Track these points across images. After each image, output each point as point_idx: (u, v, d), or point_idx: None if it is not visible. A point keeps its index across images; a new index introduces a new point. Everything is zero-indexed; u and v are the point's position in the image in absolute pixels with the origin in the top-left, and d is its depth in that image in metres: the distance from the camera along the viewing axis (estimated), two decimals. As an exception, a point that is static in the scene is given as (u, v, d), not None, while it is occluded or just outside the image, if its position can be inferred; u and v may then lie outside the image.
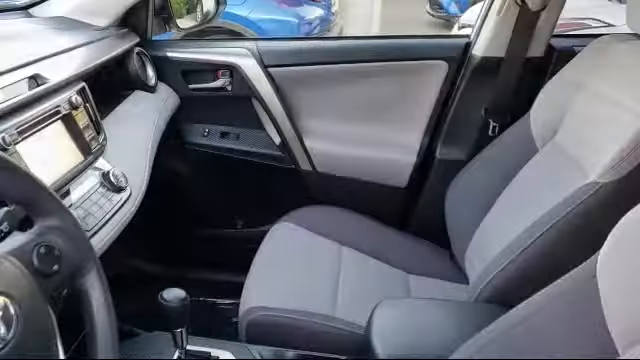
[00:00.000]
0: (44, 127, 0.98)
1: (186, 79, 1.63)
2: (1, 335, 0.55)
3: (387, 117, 1.63)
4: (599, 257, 0.69)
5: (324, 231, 1.48)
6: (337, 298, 1.23)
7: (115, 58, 1.40)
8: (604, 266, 0.68)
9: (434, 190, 1.59)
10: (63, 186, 0.98)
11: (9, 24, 1.40)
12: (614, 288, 0.66)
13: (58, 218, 0.69)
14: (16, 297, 0.58)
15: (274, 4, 4.91)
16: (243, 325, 1.16)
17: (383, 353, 0.91)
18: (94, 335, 0.70)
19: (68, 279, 0.69)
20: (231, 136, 1.69)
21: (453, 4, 7.31)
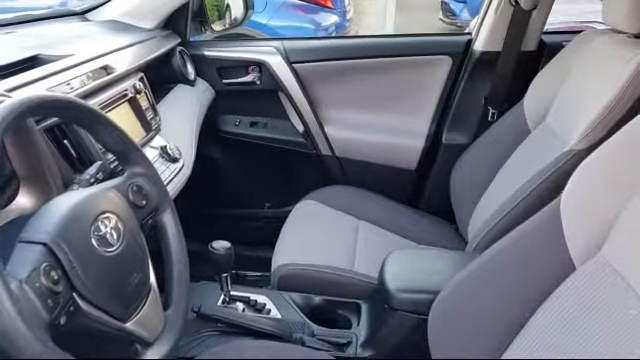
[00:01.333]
0: (115, 107, 1.20)
1: (220, 74, 1.84)
2: (114, 241, 0.76)
3: (398, 106, 1.83)
4: (562, 195, 0.88)
5: (343, 207, 1.67)
6: (355, 257, 1.43)
7: (162, 55, 1.62)
8: (566, 202, 0.86)
9: (441, 171, 1.78)
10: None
11: (71, 26, 1.63)
12: (574, 217, 0.84)
13: (143, 166, 0.90)
14: (122, 217, 0.79)
15: (291, 11, 5.11)
16: (275, 279, 1.36)
17: (393, 288, 1.10)
18: (170, 258, 0.91)
19: (152, 213, 0.90)
20: (259, 125, 1.90)
21: (465, 10, 7.46)
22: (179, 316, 0.86)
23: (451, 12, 7.57)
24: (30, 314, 0.60)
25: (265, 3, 4.88)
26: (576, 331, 0.78)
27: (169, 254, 0.91)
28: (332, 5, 5.41)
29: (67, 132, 1.01)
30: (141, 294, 0.79)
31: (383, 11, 6.89)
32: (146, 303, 0.80)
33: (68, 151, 1.00)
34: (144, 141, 1.25)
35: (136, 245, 0.81)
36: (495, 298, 0.91)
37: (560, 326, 0.80)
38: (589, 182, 0.84)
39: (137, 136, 1.23)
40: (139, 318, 0.77)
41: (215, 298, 1.26)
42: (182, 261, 0.91)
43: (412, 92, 1.81)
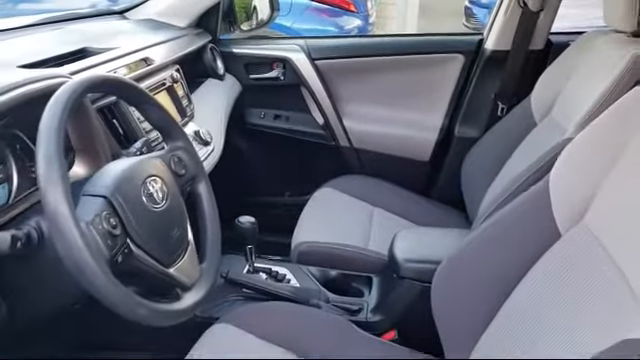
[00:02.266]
0: (155, 95, 1.34)
1: (247, 70, 1.98)
2: (159, 199, 0.89)
3: (413, 101, 1.94)
4: (552, 171, 0.98)
5: (359, 195, 1.78)
6: (369, 238, 1.54)
7: (195, 51, 1.77)
8: (555, 177, 0.97)
9: (453, 163, 1.88)
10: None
11: (112, 24, 1.79)
12: (560, 190, 0.94)
13: (183, 141, 1.04)
14: (165, 181, 0.93)
15: (315, 15, 5.24)
16: (295, 255, 1.49)
17: (400, 258, 1.22)
18: (204, 222, 1.04)
19: (189, 181, 1.03)
20: (282, 118, 2.04)
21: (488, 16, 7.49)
22: (212, 269, 0.99)
23: (474, 17, 7.63)
24: (95, 249, 0.73)
25: (290, 6, 5.02)
26: (559, 289, 0.88)
27: (203, 218, 1.04)
28: (355, 9, 5.53)
29: (116, 113, 1.15)
30: (181, 247, 0.93)
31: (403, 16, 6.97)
32: (185, 255, 0.93)
33: (116, 129, 1.14)
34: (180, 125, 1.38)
35: (177, 206, 0.94)
36: (490, 264, 1.02)
37: (546, 286, 0.91)
38: (575, 158, 0.95)
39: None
40: (179, 266, 0.91)
41: (240, 268, 1.39)
42: (214, 224, 1.05)
43: (426, 88, 1.92)
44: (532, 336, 0.86)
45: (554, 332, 0.80)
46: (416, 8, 7.70)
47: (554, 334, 0.80)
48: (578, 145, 0.96)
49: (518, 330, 0.92)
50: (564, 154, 0.97)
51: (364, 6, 5.74)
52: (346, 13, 5.50)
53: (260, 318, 1.15)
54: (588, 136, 0.96)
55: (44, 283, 0.86)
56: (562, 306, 0.83)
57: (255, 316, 1.16)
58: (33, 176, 0.99)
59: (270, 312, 1.18)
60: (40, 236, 0.82)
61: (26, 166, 0.98)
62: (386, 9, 7.48)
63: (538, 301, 0.92)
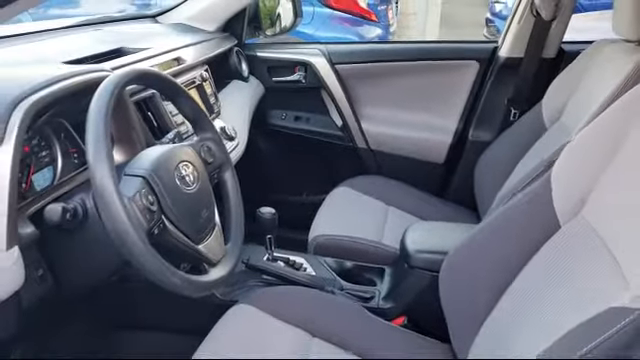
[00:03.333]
0: (185, 92, 1.44)
1: (270, 73, 2.08)
2: (191, 183, 0.98)
3: (429, 105, 2.02)
4: (554, 167, 1.05)
5: (374, 194, 1.85)
6: (383, 233, 1.62)
7: (222, 53, 1.87)
8: (556, 172, 1.04)
9: (467, 165, 1.95)
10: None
11: (146, 26, 1.90)
12: (561, 184, 1.01)
13: (212, 133, 1.13)
14: (196, 167, 1.02)
15: (337, 24, 5.33)
16: (312, 247, 1.57)
17: (411, 249, 1.29)
18: (229, 206, 1.13)
19: (217, 169, 1.12)
20: (303, 119, 2.13)
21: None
22: (236, 250, 1.08)
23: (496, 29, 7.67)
24: (135, 221, 0.83)
25: (312, 15, 5.13)
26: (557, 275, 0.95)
27: (229, 203, 1.14)
28: (376, 19, 5.62)
29: (150, 106, 1.25)
30: (208, 227, 1.02)
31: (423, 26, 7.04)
32: (212, 235, 1.02)
33: (151, 121, 1.24)
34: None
35: (206, 190, 1.04)
36: (493, 254, 1.09)
37: (546, 273, 0.98)
38: (576, 154, 1.02)
39: (202, 117, 1.47)
40: (207, 244, 1.00)
41: (260, 256, 1.47)
42: (239, 210, 1.14)
43: (442, 93, 1.99)
44: (529, 315, 0.93)
45: (548, 306, 0.87)
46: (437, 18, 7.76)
47: (548, 307, 0.87)
48: (579, 141, 1.03)
49: (518, 313, 0.99)
50: (566, 150, 1.04)
51: (385, 16, 5.83)
52: (367, 22, 5.58)
53: (278, 300, 1.23)
54: (589, 133, 1.02)
55: (87, 255, 0.95)
56: (558, 286, 0.89)
57: (273, 298, 1.24)
58: (75, 161, 1.09)
59: (288, 295, 1.26)
60: (84, 212, 0.92)
61: (69, 151, 1.08)
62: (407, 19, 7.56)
63: (537, 287, 0.98)
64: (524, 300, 0.99)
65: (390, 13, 5.92)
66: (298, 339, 1.15)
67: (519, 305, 1.00)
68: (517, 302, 1.01)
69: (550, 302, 0.90)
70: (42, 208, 0.93)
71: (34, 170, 0.99)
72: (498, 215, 1.12)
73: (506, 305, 1.04)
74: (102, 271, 1.00)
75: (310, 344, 1.14)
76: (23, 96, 0.89)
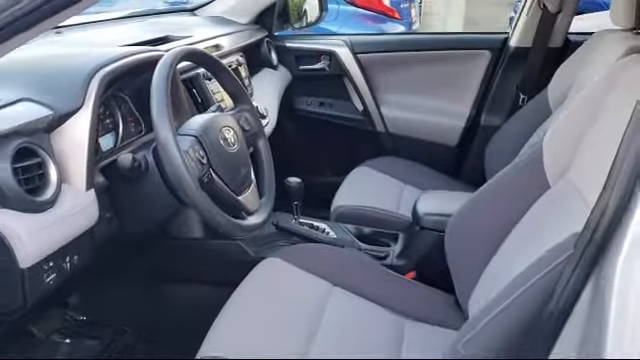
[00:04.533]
0: (223, 74, 1.63)
1: (297, 62, 2.26)
2: (232, 144, 1.17)
3: (444, 92, 2.17)
4: (546, 134, 1.20)
5: (391, 173, 2.01)
6: (400, 205, 1.78)
7: (254, 43, 2.06)
8: (548, 138, 1.18)
9: (478, 148, 2.10)
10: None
11: (185, 19, 2.10)
12: (551, 149, 1.16)
13: (248, 105, 1.32)
14: (236, 131, 1.20)
15: (361, 21, 5.48)
16: (334, 216, 1.74)
17: (421, 211, 1.46)
18: (262, 168, 1.32)
19: (252, 136, 1.31)
20: (326, 105, 2.31)
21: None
22: (268, 204, 1.26)
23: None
24: (190, 168, 1.01)
25: (337, 13, 5.29)
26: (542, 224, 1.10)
27: (262, 165, 1.32)
28: (399, 16, 5.76)
29: (195, 84, 1.44)
30: (246, 182, 1.20)
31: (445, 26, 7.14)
32: (249, 189, 1.21)
33: (195, 97, 1.43)
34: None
35: (244, 152, 1.22)
36: (491, 214, 1.24)
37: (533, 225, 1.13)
38: (564, 122, 1.17)
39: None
40: (245, 196, 1.18)
41: (288, 221, 1.65)
42: (270, 171, 1.32)
43: (456, 80, 2.15)
44: (516, 266, 1.07)
45: (533, 256, 1.01)
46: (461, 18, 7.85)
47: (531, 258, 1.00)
48: (568, 111, 1.18)
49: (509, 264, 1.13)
50: (557, 120, 1.19)
51: (408, 14, 5.96)
52: (391, 20, 5.73)
53: (303, 255, 1.41)
54: (576, 104, 1.16)
55: (145, 202, 1.14)
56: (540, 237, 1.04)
57: (299, 253, 1.41)
58: (132, 129, 1.28)
59: (312, 251, 1.43)
60: (146, 166, 1.11)
61: (128, 120, 1.28)
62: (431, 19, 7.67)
63: (526, 239, 1.12)
64: (514, 252, 1.14)
65: (413, 11, 6.05)
66: (320, 287, 1.31)
67: (510, 257, 1.14)
68: (509, 254, 1.16)
69: (534, 253, 1.05)
70: (109, 164, 1.13)
71: (100, 134, 1.19)
72: (496, 179, 1.27)
73: (500, 258, 1.18)
74: (157, 217, 1.20)
75: (331, 291, 1.31)
76: (97, 69, 1.08)
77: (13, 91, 0.99)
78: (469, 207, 1.31)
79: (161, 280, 1.64)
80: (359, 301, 1.29)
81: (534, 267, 0.84)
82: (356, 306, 1.28)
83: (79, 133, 1.01)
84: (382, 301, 1.29)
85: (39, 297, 0.94)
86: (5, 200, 0.87)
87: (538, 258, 0.85)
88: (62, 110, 1.00)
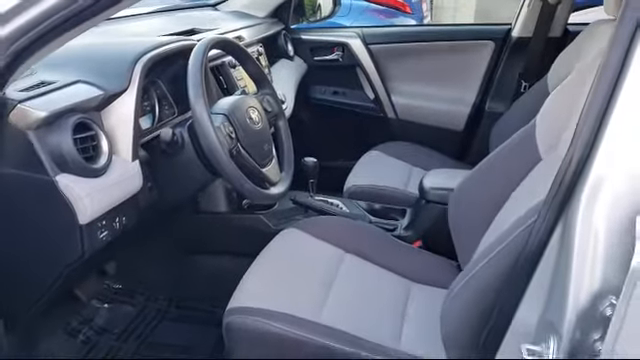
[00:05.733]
0: (245, 63, 1.78)
1: (312, 53, 2.41)
2: (257, 122, 1.32)
3: (450, 80, 2.31)
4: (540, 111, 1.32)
5: (401, 156, 2.15)
6: (408, 183, 1.92)
7: (272, 35, 2.21)
8: (541, 113, 1.30)
9: (483, 132, 2.22)
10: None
11: (209, 13, 2.25)
12: (543, 125, 1.29)
13: (270, 89, 1.47)
14: (260, 111, 1.35)
15: (373, 16, 5.59)
16: (346, 194, 1.89)
17: (427, 186, 1.60)
18: (282, 145, 1.47)
19: (273, 117, 1.46)
20: (340, 93, 2.45)
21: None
22: (288, 177, 1.41)
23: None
24: (221, 141, 1.17)
25: (349, 8, 5.41)
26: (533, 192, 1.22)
27: (282, 143, 1.47)
28: (410, 10, 5.87)
29: (222, 72, 1.59)
30: (269, 156, 1.35)
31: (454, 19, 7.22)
32: (271, 163, 1.36)
33: (222, 83, 1.58)
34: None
35: (267, 130, 1.37)
36: (488, 187, 1.36)
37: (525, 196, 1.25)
38: (554, 100, 1.29)
39: (258, 84, 1.81)
40: (268, 169, 1.33)
41: (304, 197, 1.80)
42: (289, 148, 1.47)
43: (462, 69, 2.28)
44: (506, 224, 1.20)
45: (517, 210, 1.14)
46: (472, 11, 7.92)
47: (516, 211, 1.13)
48: (559, 90, 1.30)
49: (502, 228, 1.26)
50: (549, 98, 1.32)
51: (419, 8, 6.07)
52: (402, 14, 5.84)
53: (318, 225, 1.55)
54: (567, 82, 1.29)
55: (180, 174, 1.30)
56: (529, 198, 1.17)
57: (315, 224, 1.55)
58: (167, 112, 1.44)
59: (326, 222, 1.58)
60: (182, 141, 1.26)
61: (163, 104, 1.43)
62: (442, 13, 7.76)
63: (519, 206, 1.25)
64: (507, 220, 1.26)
65: (424, 5, 6.15)
66: (334, 254, 1.45)
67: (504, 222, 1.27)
68: (502, 223, 1.28)
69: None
70: (149, 141, 1.29)
71: (140, 115, 1.34)
72: (494, 154, 1.40)
73: (495, 226, 1.32)
74: (190, 187, 1.35)
75: (343, 257, 1.45)
76: (139, 56, 1.24)
77: (70, 74, 1.15)
78: (469, 181, 1.44)
79: (190, 252, 1.80)
80: (369, 266, 1.43)
81: (514, 225, 0.98)
82: (366, 270, 1.42)
83: (125, 111, 1.17)
84: (390, 266, 1.43)
85: (94, 250, 1.09)
86: (67, 166, 1.03)
87: (518, 217, 0.98)
88: (111, 91, 1.16)
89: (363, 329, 1.18)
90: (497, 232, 1.15)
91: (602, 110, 0.74)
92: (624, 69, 0.72)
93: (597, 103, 0.74)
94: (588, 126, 0.75)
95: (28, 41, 0.92)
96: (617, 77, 0.73)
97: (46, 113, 1.02)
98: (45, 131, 1.02)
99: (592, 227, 0.74)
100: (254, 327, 1.14)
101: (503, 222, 1.24)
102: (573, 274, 0.75)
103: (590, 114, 0.75)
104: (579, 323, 0.76)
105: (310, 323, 1.15)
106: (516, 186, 1.29)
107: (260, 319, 1.14)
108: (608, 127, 0.74)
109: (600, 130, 0.74)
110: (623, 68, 0.72)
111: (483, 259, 1.00)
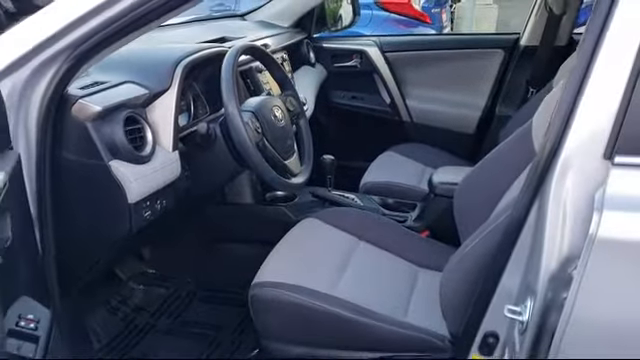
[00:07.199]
0: (271, 68, 1.95)
1: (332, 60, 2.58)
2: (281, 119, 1.48)
3: (463, 86, 2.45)
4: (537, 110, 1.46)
5: (415, 157, 2.30)
6: (421, 181, 2.06)
7: (295, 43, 2.38)
8: (538, 112, 1.44)
9: (493, 135, 2.36)
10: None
11: (237, 23, 2.44)
12: (539, 120, 1.41)
13: (292, 91, 1.63)
14: (283, 110, 1.52)
15: (393, 26, 5.73)
16: (362, 190, 2.04)
17: (436, 180, 1.75)
18: (302, 140, 1.63)
19: (295, 116, 1.62)
20: (358, 98, 2.61)
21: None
22: (308, 169, 1.57)
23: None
24: (250, 135, 1.33)
25: (370, 18, 5.57)
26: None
27: (302, 139, 1.64)
28: (430, 21, 6.00)
29: (249, 75, 1.77)
30: (291, 150, 1.51)
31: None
32: (293, 156, 1.52)
33: (249, 85, 1.76)
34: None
35: (289, 127, 1.54)
36: (490, 179, 1.50)
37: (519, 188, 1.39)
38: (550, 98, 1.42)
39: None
40: (289, 162, 1.50)
41: (323, 191, 1.96)
42: (310, 144, 1.63)
43: (474, 75, 2.43)
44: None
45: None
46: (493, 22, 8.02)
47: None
48: (553, 93, 1.43)
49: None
50: (543, 101, 1.45)
51: (439, 19, 6.20)
52: (422, 24, 5.96)
53: (335, 215, 1.70)
54: (559, 85, 1.42)
55: (213, 165, 1.47)
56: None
57: (332, 214, 1.71)
58: (200, 111, 1.61)
59: (342, 212, 1.73)
60: (215, 136, 1.43)
61: (197, 103, 1.60)
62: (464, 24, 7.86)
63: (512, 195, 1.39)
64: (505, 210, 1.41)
65: (444, 16, 6.28)
66: (349, 240, 1.59)
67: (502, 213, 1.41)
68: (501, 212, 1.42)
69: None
70: (186, 135, 1.46)
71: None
72: (496, 151, 1.54)
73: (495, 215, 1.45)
74: (220, 177, 1.53)
75: (357, 244, 1.59)
76: (180, 59, 1.42)
77: (119, 75, 1.33)
78: (473, 175, 1.58)
79: (217, 240, 1.97)
80: (381, 252, 1.57)
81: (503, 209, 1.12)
82: (378, 255, 1.56)
83: (167, 107, 1.35)
84: (399, 252, 1.57)
85: (139, 227, 1.26)
86: (118, 153, 1.21)
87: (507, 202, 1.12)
88: (155, 90, 1.34)
89: (373, 302, 1.33)
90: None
91: (570, 105, 0.89)
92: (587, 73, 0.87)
93: (566, 100, 0.89)
94: (559, 118, 0.90)
95: (89, 47, 1.10)
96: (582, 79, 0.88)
97: (101, 108, 1.19)
98: (100, 123, 1.20)
99: (561, 202, 0.89)
100: (273, 297, 1.30)
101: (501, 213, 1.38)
102: (546, 243, 0.90)
103: (561, 108, 0.90)
104: (551, 284, 0.90)
105: (325, 295, 1.30)
106: (514, 179, 1.42)
107: (279, 290, 1.30)
108: (575, 119, 0.89)
109: (568, 122, 0.89)
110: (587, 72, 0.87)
111: (475, 239, 1.14)
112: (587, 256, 0.83)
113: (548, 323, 0.90)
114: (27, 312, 0.91)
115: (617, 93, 0.84)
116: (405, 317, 1.33)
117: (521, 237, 0.99)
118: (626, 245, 0.83)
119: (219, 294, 1.91)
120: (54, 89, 1.10)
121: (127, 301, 1.85)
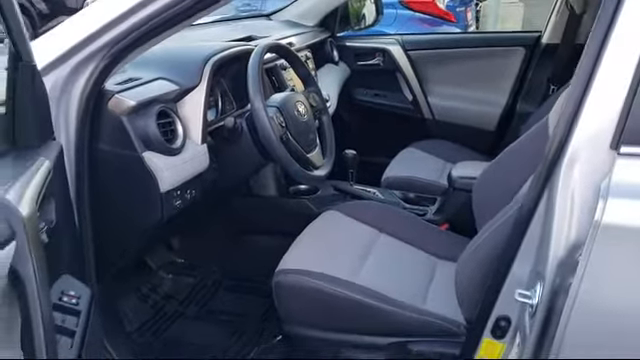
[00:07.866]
0: (295, 66, 2.02)
1: (355, 58, 2.63)
2: (304, 114, 1.54)
3: (484, 83, 2.48)
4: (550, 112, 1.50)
5: (436, 153, 2.34)
6: (441, 176, 2.11)
7: (319, 42, 2.44)
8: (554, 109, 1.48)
9: (514, 132, 2.38)
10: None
11: (264, 22, 2.51)
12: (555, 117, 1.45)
13: (315, 87, 1.70)
14: (306, 105, 1.58)
15: (418, 25, 5.74)
16: (383, 185, 2.09)
17: (455, 175, 1.79)
18: (325, 135, 1.69)
19: (317, 112, 1.68)
20: (380, 95, 2.66)
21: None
22: (330, 162, 1.63)
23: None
24: (274, 129, 1.40)
25: (394, 17, 5.59)
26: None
27: (324, 134, 1.70)
28: (454, 19, 5.99)
29: (273, 73, 1.84)
30: (313, 144, 1.58)
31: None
32: (315, 150, 1.58)
33: (274, 82, 1.82)
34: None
35: (312, 122, 1.60)
36: (508, 172, 1.54)
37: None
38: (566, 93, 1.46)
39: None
40: (312, 155, 1.56)
41: (345, 185, 2.02)
42: (332, 139, 1.69)
43: (495, 73, 2.46)
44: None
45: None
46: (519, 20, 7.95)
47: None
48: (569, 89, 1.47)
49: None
50: (560, 96, 1.49)
51: (464, 17, 6.18)
52: (446, 23, 5.95)
53: (356, 208, 1.75)
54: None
55: (239, 158, 1.54)
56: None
57: (353, 207, 1.76)
58: (227, 107, 1.68)
59: (364, 205, 1.79)
60: (241, 130, 1.50)
61: (224, 99, 1.68)
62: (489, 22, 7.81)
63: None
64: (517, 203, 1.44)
65: (469, 14, 6.26)
66: (370, 232, 1.64)
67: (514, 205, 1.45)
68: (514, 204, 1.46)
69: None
70: (214, 129, 1.53)
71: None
72: (515, 144, 1.58)
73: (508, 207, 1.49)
74: (246, 170, 1.60)
75: (378, 236, 1.64)
76: (209, 57, 1.49)
77: (152, 72, 1.41)
78: (491, 169, 1.62)
79: (242, 232, 2.04)
80: (401, 244, 1.62)
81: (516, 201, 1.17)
82: (398, 247, 1.61)
83: (197, 102, 1.43)
84: (419, 244, 1.62)
85: (170, 215, 1.34)
86: (151, 145, 1.28)
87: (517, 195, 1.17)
88: (185, 86, 1.41)
89: (393, 290, 1.38)
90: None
91: (578, 100, 0.93)
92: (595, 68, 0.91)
93: (574, 95, 0.94)
94: (567, 113, 0.94)
95: (124, 46, 1.18)
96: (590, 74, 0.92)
97: (135, 102, 1.27)
98: (135, 117, 1.28)
99: (569, 191, 0.94)
100: (296, 283, 1.36)
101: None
102: (554, 230, 0.94)
103: (569, 103, 0.95)
104: (559, 270, 0.95)
105: (346, 282, 1.36)
106: (531, 173, 1.46)
107: (302, 277, 1.36)
108: (582, 113, 0.93)
109: (576, 116, 0.94)
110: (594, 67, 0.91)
111: (488, 230, 1.19)
112: (592, 242, 0.87)
113: (556, 307, 0.94)
114: (69, 288, 0.98)
115: (623, 87, 0.88)
116: (424, 305, 1.38)
117: (531, 227, 1.03)
118: (630, 231, 0.87)
119: (244, 283, 1.99)
120: (92, 85, 1.18)
121: (157, 289, 1.93)
